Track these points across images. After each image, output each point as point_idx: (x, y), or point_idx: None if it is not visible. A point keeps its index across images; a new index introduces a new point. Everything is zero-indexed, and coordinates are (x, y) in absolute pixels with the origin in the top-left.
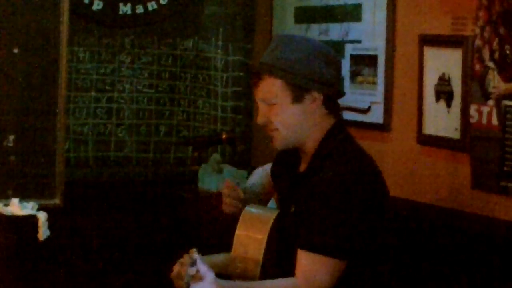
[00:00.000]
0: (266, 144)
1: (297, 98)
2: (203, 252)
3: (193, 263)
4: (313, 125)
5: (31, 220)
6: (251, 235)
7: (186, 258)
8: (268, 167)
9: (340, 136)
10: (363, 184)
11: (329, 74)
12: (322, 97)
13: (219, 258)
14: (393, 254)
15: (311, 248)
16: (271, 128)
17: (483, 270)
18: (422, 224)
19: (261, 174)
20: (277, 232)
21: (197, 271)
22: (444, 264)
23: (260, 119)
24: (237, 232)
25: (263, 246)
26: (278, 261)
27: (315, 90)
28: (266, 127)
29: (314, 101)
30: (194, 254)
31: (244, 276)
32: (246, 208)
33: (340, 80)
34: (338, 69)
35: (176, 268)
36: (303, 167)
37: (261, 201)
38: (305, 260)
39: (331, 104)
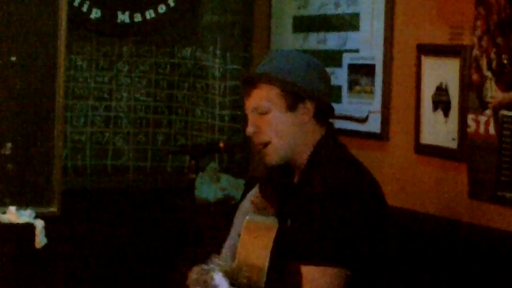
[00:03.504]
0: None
1: (291, 106)
2: (201, 261)
3: (211, 270)
4: (305, 136)
5: (28, 228)
6: (256, 242)
7: (204, 265)
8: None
9: (332, 146)
10: (356, 190)
11: (322, 87)
12: (314, 109)
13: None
14: (392, 262)
15: (316, 261)
16: (260, 142)
17: (480, 279)
18: (419, 234)
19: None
20: (278, 246)
21: (212, 278)
22: (441, 274)
23: (250, 129)
24: (241, 239)
25: (268, 253)
26: (282, 271)
27: (308, 100)
28: (255, 140)
29: (306, 112)
30: (215, 260)
31: (249, 285)
32: (248, 217)
33: (330, 95)
34: (329, 84)
35: (194, 274)
36: (296, 179)
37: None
38: (312, 274)
39: (322, 116)
